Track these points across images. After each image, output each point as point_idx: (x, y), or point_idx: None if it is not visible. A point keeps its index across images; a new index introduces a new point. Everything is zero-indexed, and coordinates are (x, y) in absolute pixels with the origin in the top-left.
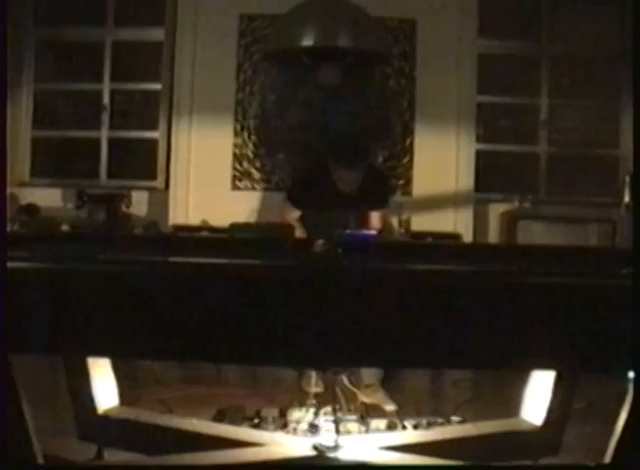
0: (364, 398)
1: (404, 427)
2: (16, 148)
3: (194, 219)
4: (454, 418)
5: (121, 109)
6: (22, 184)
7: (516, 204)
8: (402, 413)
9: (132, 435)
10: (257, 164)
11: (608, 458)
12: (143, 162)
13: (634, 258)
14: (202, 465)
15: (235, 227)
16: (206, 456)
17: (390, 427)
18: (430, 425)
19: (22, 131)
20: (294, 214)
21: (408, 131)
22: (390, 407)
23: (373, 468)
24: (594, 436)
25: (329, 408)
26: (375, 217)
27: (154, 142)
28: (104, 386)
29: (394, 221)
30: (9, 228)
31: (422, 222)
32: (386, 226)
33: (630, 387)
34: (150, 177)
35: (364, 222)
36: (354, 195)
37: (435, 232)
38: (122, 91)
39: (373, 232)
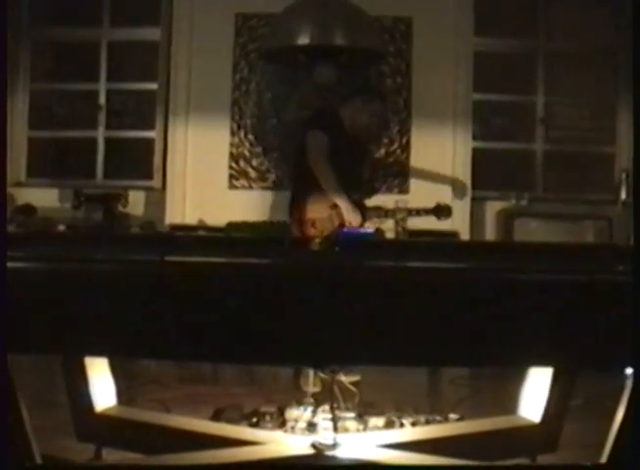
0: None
1: (402, 425)
2: (12, 148)
3: (190, 219)
4: (452, 416)
5: (118, 108)
6: (19, 184)
7: (512, 201)
8: (400, 411)
9: (130, 434)
10: (254, 163)
11: (605, 456)
12: (139, 161)
13: (634, 256)
14: (200, 464)
15: (232, 226)
16: (205, 455)
17: (388, 425)
18: (428, 423)
19: (19, 131)
20: (324, 143)
21: (405, 129)
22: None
23: (371, 466)
24: (591, 433)
25: (327, 407)
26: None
27: (150, 141)
28: (101, 385)
29: (390, 221)
30: None
31: (419, 220)
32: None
33: (628, 384)
34: (146, 177)
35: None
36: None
37: (432, 230)
38: (119, 91)
39: (370, 230)
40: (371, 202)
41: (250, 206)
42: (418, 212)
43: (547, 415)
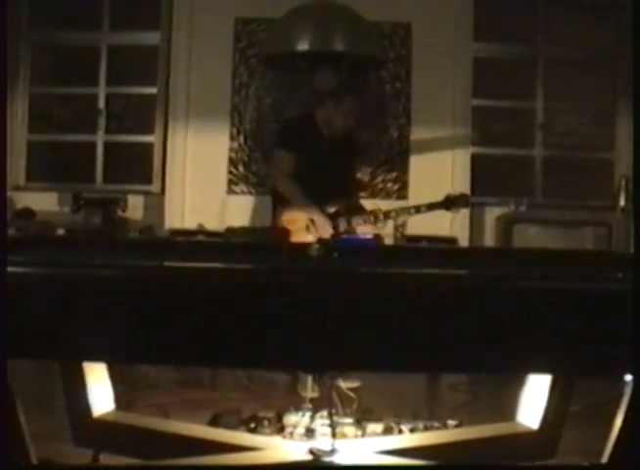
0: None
1: (401, 431)
2: (11, 152)
3: (190, 223)
4: (450, 422)
5: (117, 113)
6: (18, 188)
7: (512, 207)
8: (399, 417)
9: (128, 440)
10: (253, 169)
11: (604, 460)
12: (139, 166)
13: (634, 262)
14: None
15: (231, 231)
16: (203, 461)
17: (387, 431)
18: (426, 429)
19: (18, 135)
20: (287, 162)
21: (404, 135)
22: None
23: None
24: (590, 439)
25: (325, 412)
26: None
27: (149, 146)
28: (100, 390)
29: (390, 226)
30: None
31: (418, 226)
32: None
33: (627, 390)
34: (146, 181)
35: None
36: (338, 144)
37: (431, 236)
38: (118, 95)
39: (369, 236)
40: (369, 206)
41: (248, 211)
42: (417, 210)
43: (546, 422)
